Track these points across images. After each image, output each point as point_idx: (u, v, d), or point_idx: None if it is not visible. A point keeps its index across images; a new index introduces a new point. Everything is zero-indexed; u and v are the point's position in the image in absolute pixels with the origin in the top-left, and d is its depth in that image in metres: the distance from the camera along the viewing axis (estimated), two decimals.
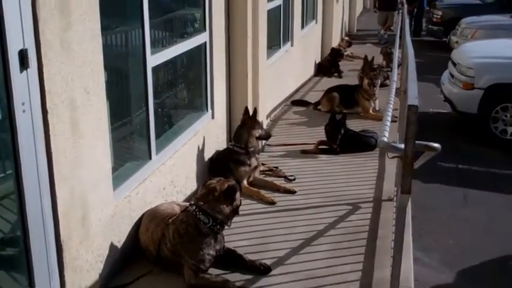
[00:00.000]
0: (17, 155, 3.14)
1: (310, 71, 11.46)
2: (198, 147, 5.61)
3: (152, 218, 4.30)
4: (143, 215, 4.41)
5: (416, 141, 3.23)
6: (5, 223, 3.35)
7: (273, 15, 8.44)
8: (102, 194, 3.87)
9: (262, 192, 5.48)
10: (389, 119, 4.13)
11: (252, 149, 5.82)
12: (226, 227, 4.16)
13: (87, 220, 3.70)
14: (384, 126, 3.84)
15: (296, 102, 9.11)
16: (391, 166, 5.98)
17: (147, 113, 4.66)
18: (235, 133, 5.89)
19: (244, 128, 5.82)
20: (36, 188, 3.28)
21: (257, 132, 5.89)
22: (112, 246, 4.04)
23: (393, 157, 4.68)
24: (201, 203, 4.07)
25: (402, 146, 3.27)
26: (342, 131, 6.78)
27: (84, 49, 3.55)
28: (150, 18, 4.55)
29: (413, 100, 3.32)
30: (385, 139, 3.61)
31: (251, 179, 5.71)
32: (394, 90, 5.58)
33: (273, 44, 8.80)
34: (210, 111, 6.05)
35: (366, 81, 8.36)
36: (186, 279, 3.93)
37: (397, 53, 8.35)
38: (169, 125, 5.35)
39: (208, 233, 4.02)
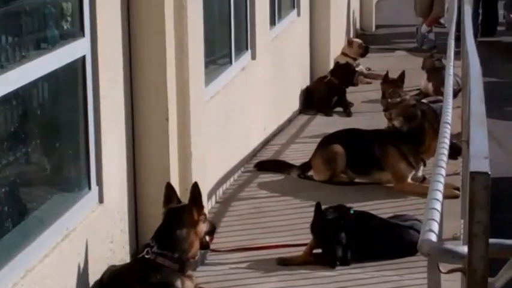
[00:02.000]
0: None
1: (292, 104, 11.60)
2: (72, 263, 5.52)
3: None
4: None
5: (492, 240, 3.20)
6: None
7: (216, 4, 8.57)
8: None
9: None
10: (439, 195, 4.06)
11: (191, 261, 5.88)
12: None
13: None
14: (429, 212, 3.79)
15: (266, 165, 9.14)
16: (453, 285, 5.84)
17: None
18: (161, 230, 5.90)
19: (182, 220, 5.84)
20: None
21: (203, 230, 5.93)
22: None
23: (450, 271, 4.62)
24: None
25: (465, 249, 3.24)
26: (346, 227, 6.86)
27: None
28: None
29: (481, 162, 3.33)
30: (433, 236, 3.53)
31: None
32: (448, 139, 5.57)
33: (217, 57, 8.88)
34: (96, 189, 6.00)
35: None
36: None
37: (451, 68, 8.41)
38: (11, 220, 5.20)
39: None
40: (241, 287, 6.38)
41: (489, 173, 3.10)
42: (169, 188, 6.00)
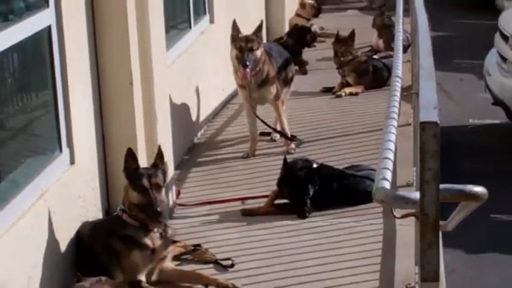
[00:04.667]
0: None
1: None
2: (46, 220, 5.54)
3: None
4: None
5: (443, 186, 3.27)
6: None
7: None
8: None
9: None
10: (391, 145, 4.14)
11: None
12: None
13: None
14: (382, 161, 3.86)
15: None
16: (407, 229, 6.02)
17: None
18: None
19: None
20: None
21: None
22: None
23: (404, 216, 4.67)
24: None
25: (417, 195, 3.29)
26: (314, 182, 6.94)
27: None
28: None
29: (430, 112, 3.38)
30: (387, 184, 3.59)
31: (156, 272, 5.72)
32: (399, 92, 5.63)
33: (177, 22, 8.85)
34: (67, 151, 6.02)
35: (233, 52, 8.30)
36: None
37: (401, 25, 8.46)
38: None
39: None
40: (208, 237, 6.41)
41: (438, 122, 3.14)
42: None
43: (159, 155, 5.88)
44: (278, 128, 8.53)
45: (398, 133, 4.58)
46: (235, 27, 8.27)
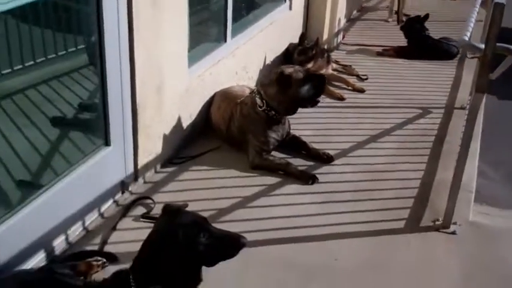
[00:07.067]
0: (100, 25, 3.39)
1: None
2: (274, 36, 5.72)
3: (224, 98, 4.56)
4: (215, 94, 4.67)
5: (498, 43, 3.28)
6: (84, 91, 3.61)
7: None
8: (178, 68, 4.13)
9: (332, 88, 5.60)
10: (473, 20, 4.13)
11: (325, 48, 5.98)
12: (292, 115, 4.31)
13: (162, 90, 3.98)
14: (467, 26, 3.88)
15: None
16: (468, 76, 5.99)
17: None
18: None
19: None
20: (116, 54, 3.55)
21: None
22: (184, 119, 4.36)
23: (472, 57, 4.69)
24: (259, 86, 4.26)
25: (482, 46, 3.33)
26: (419, 32, 6.76)
27: None
28: None
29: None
30: (467, 38, 3.66)
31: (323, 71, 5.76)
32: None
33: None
34: (288, 2, 6.14)
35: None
36: (250, 159, 4.23)
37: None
38: (246, 11, 5.49)
39: (265, 116, 4.18)
40: (355, 62, 6.29)
41: (504, 3, 3.17)
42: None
43: (317, 42, 5.74)
44: None
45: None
46: None
